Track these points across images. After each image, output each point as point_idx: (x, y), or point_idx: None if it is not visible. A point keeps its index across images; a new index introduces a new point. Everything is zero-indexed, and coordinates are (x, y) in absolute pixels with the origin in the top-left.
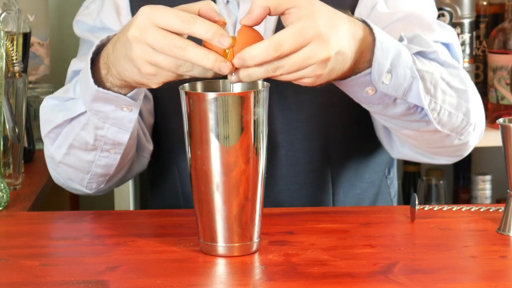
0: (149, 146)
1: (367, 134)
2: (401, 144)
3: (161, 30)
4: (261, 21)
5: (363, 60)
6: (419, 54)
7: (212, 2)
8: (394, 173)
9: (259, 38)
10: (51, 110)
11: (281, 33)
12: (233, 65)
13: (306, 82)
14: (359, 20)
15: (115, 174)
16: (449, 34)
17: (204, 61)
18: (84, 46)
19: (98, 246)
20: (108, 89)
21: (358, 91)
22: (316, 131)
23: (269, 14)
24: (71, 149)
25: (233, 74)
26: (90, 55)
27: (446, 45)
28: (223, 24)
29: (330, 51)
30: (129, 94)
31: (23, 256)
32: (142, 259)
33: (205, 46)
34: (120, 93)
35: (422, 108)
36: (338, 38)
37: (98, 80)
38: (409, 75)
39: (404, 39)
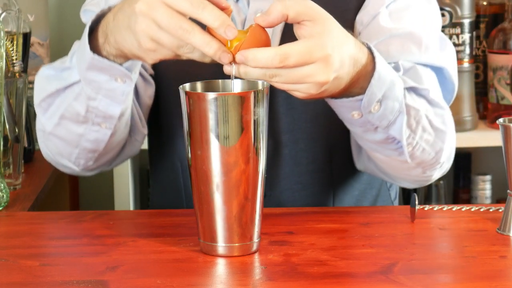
0: (144, 130)
1: None
2: (368, 159)
3: (170, 9)
4: (276, 25)
5: (357, 86)
6: (411, 89)
7: None
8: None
9: (267, 40)
10: (46, 79)
11: (290, 46)
12: (234, 57)
13: (297, 95)
14: (365, 46)
15: (105, 153)
16: (446, 55)
17: (206, 48)
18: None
19: (98, 246)
20: (104, 57)
21: (345, 112)
22: (320, 132)
23: (286, 20)
24: (62, 120)
25: (232, 64)
26: (89, 23)
27: (439, 69)
28: (229, 12)
29: (329, 76)
30: (124, 65)
31: (23, 256)
32: (142, 259)
33: (208, 32)
34: (115, 62)
35: (399, 141)
36: (340, 62)
37: (95, 49)
38: (397, 109)
39: (400, 70)
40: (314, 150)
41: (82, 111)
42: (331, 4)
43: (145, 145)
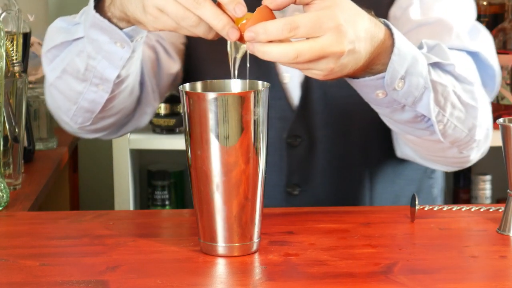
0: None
1: None
2: (404, 144)
3: None
4: (284, 7)
5: (378, 62)
6: (436, 65)
7: None
8: (439, 173)
9: None
10: (56, 31)
11: (299, 16)
12: (241, 36)
13: (317, 74)
14: (381, 22)
15: (103, 116)
16: (481, 41)
17: (215, 21)
18: None
19: (98, 246)
20: (108, 18)
21: (369, 92)
22: (355, 127)
23: (294, 3)
24: (64, 74)
25: (252, 44)
26: None
27: (474, 54)
28: None
29: (344, 46)
30: (124, 30)
31: (23, 256)
32: (142, 259)
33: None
34: (116, 26)
35: (429, 118)
36: (355, 35)
37: (101, 9)
38: (422, 85)
39: (424, 47)
40: (350, 145)
41: (82, 68)
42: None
43: (147, 145)
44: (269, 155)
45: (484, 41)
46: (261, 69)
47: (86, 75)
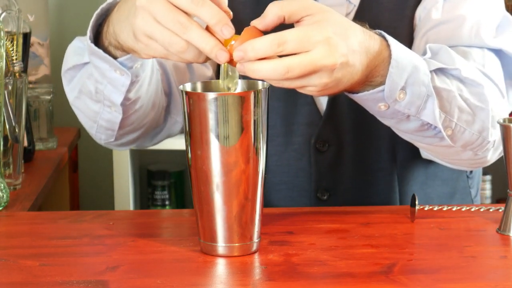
0: None
1: None
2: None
3: (169, 4)
4: (273, 27)
5: (376, 74)
6: (440, 70)
7: None
8: (478, 172)
9: None
10: (73, 51)
11: (287, 30)
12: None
13: (311, 90)
14: (377, 34)
15: (125, 133)
16: (507, 36)
17: (203, 44)
18: None
19: (98, 246)
20: (106, 47)
21: (371, 105)
22: (383, 131)
23: (283, 22)
24: (81, 94)
25: (242, 64)
26: (98, 10)
27: (497, 52)
28: (229, 16)
29: (336, 59)
30: (119, 59)
31: (23, 256)
32: (142, 259)
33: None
34: (112, 55)
35: (436, 126)
36: (347, 48)
37: (101, 37)
38: (424, 93)
39: (428, 52)
40: (378, 148)
41: (93, 91)
42: (390, 1)
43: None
44: (298, 161)
45: (510, 38)
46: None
47: (98, 97)
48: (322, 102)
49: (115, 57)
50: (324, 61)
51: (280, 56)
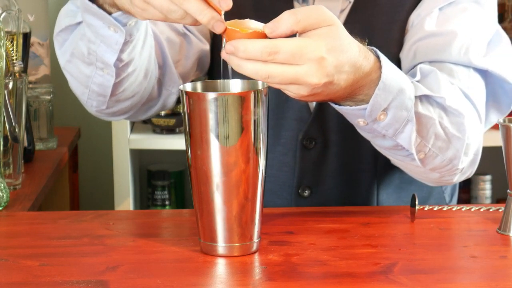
0: (180, 82)
1: None
2: None
3: None
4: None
5: (360, 93)
6: (425, 97)
7: None
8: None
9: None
10: (64, 14)
11: (283, 40)
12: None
13: (290, 94)
14: (372, 52)
15: (118, 100)
16: (496, 55)
17: (200, 15)
18: None
19: (98, 246)
20: (101, 4)
21: (351, 118)
22: None
23: (295, 34)
24: (72, 58)
25: (228, 56)
26: None
27: (483, 72)
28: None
29: (320, 80)
30: (113, 14)
31: (23, 256)
32: (142, 259)
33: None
34: (106, 11)
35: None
36: (336, 68)
37: None
38: (405, 118)
39: (417, 74)
40: (361, 150)
41: (86, 52)
42: (386, 3)
43: (147, 145)
44: (283, 155)
45: (502, 52)
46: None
47: (91, 59)
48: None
49: (109, 13)
50: (307, 78)
51: None
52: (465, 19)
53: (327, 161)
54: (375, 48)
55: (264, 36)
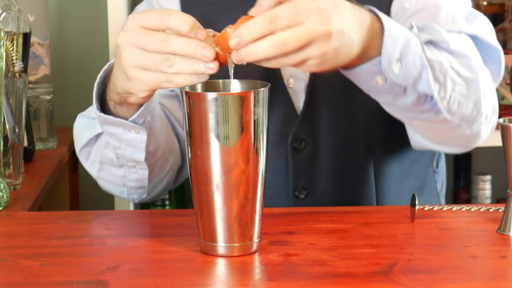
0: None
1: None
2: (413, 132)
3: (144, 29)
4: None
5: (372, 47)
6: (429, 43)
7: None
8: (442, 166)
9: None
10: (80, 129)
11: (277, 7)
12: (223, 58)
13: (312, 64)
14: (365, 9)
15: (155, 185)
16: (479, 24)
17: (186, 49)
18: None
19: (98, 246)
20: (112, 111)
21: (368, 80)
22: (360, 129)
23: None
24: (103, 165)
25: (238, 52)
26: (97, 79)
27: (472, 37)
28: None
29: (330, 26)
30: (130, 118)
31: (23, 256)
32: (142, 259)
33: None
34: (121, 116)
35: (432, 98)
36: (340, 18)
37: (105, 100)
38: (419, 64)
39: (414, 27)
40: (354, 146)
41: (114, 158)
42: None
43: None
44: (275, 160)
45: (483, 24)
46: (265, 74)
47: (120, 162)
48: (299, 102)
49: (125, 118)
50: (319, 29)
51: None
52: None
53: (320, 161)
54: (366, 5)
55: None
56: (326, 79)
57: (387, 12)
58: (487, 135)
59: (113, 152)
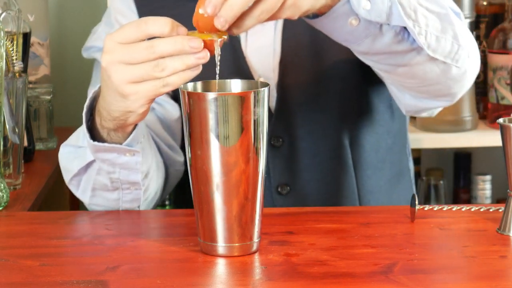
0: (179, 158)
1: (384, 118)
2: (402, 94)
3: (126, 44)
4: None
5: None
6: None
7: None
8: (409, 154)
9: None
10: (66, 159)
11: None
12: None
13: (289, 4)
14: None
15: (148, 201)
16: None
17: (173, 47)
18: (98, 70)
19: (98, 246)
20: (105, 137)
21: (343, 25)
22: (334, 120)
23: None
24: (95, 192)
25: (218, 17)
26: (85, 107)
27: (457, 14)
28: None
29: None
30: (124, 143)
31: (23, 256)
32: (142, 259)
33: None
34: (115, 142)
35: (409, 35)
36: None
37: (95, 129)
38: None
39: None
40: (331, 138)
41: (108, 183)
42: None
43: None
44: None
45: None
46: (236, 75)
47: (115, 186)
48: (272, 100)
49: (119, 143)
50: None
51: None
52: None
53: (298, 156)
54: None
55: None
56: (294, 75)
57: None
58: (474, 76)
59: (107, 177)
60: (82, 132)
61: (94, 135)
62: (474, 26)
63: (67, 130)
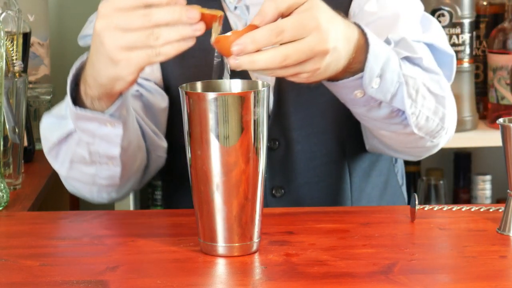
0: (163, 144)
1: None
2: (372, 139)
3: (122, 9)
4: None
5: (356, 61)
6: (405, 58)
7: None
8: (400, 160)
9: None
10: (48, 129)
11: (283, 20)
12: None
13: (303, 77)
14: (352, 23)
15: (125, 182)
16: (433, 32)
17: (171, 15)
18: None
19: (98, 246)
20: (88, 105)
21: (348, 93)
22: (330, 125)
23: (282, 16)
24: (73, 164)
25: (236, 58)
26: (70, 76)
27: (429, 46)
28: (220, 17)
29: (329, 45)
30: (107, 111)
31: (23, 256)
32: (142, 259)
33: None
34: (98, 110)
35: (403, 112)
36: (336, 35)
37: (79, 99)
38: (396, 80)
39: (391, 42)
40: (327, 142)
41: (86, 155)
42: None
43: None
44: None
45: (436, 30)
46: (232, 76)
47: (93, 159)
48: (269, 102)
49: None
50: (319, 46)
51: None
52: (398, 0)
53: (294, 159)
54: (352, 20)
55: (256, 28)
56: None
57: (346, 13)
58: (443, 145)
59: (86, 149)
60: (65, 102)
61: (78, 104)
62: (474, 26)
63: None
